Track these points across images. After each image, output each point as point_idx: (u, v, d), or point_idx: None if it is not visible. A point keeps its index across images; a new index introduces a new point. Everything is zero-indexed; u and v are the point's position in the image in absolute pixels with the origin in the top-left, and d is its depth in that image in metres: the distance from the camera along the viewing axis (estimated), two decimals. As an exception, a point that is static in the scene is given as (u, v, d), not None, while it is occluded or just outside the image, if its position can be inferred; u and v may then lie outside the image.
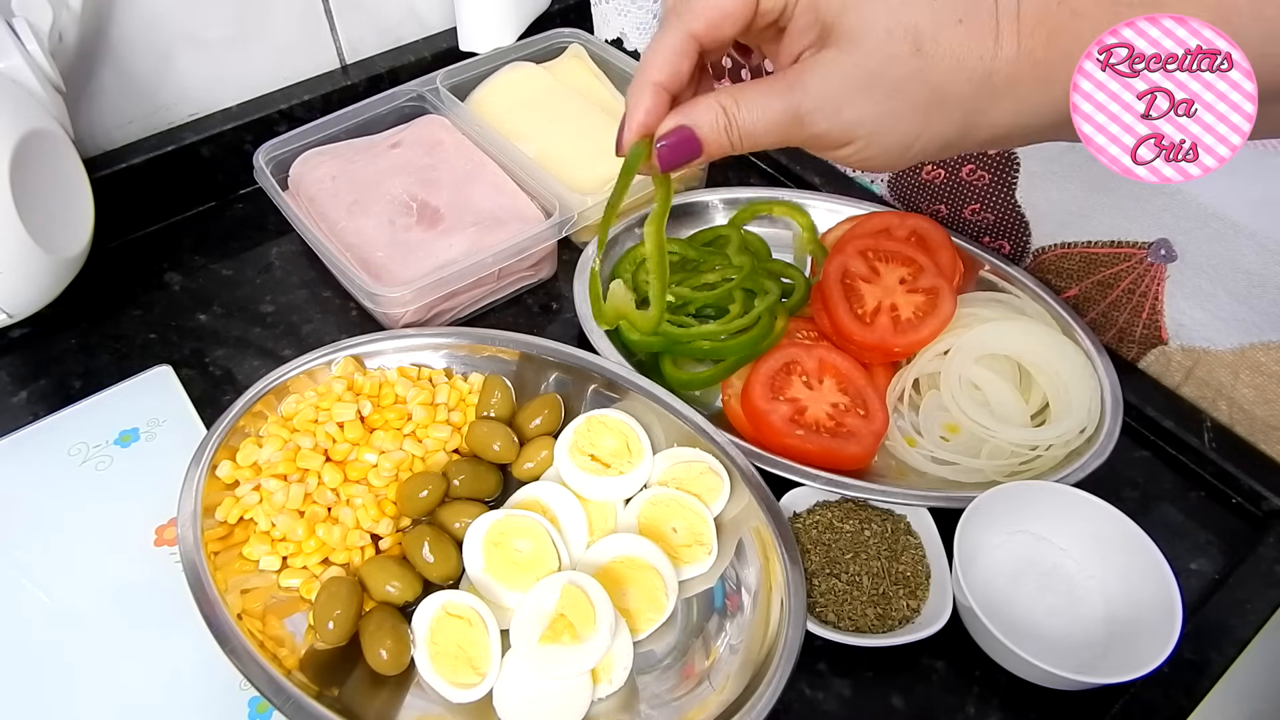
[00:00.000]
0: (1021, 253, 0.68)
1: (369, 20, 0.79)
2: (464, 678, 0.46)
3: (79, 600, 0.50)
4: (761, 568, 0.50)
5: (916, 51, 0.34)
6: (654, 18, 0.83)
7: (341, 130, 0.72)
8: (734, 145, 0.38)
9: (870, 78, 0.34)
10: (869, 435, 0.55)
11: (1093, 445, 0.55)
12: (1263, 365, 0.57)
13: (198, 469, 0.50)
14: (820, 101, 0.35)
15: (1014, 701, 0.49)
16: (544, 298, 0.69)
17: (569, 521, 0.52)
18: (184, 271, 0.70)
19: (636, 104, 0.39)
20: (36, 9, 0.57)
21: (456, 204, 0.66)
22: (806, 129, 0.36)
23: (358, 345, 0.58)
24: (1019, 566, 0.53)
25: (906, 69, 0.34)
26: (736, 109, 0.37)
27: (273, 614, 0.48)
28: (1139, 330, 0.63)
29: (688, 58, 0.38)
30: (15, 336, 0.64)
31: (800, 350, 0.58)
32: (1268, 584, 0.52)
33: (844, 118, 0.35)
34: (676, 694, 0.47)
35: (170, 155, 0.71)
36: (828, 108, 0.35)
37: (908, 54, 0.34)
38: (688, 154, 0.38)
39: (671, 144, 0.38)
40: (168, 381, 0.61)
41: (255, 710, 0.46)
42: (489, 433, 0.55)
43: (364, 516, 0.51)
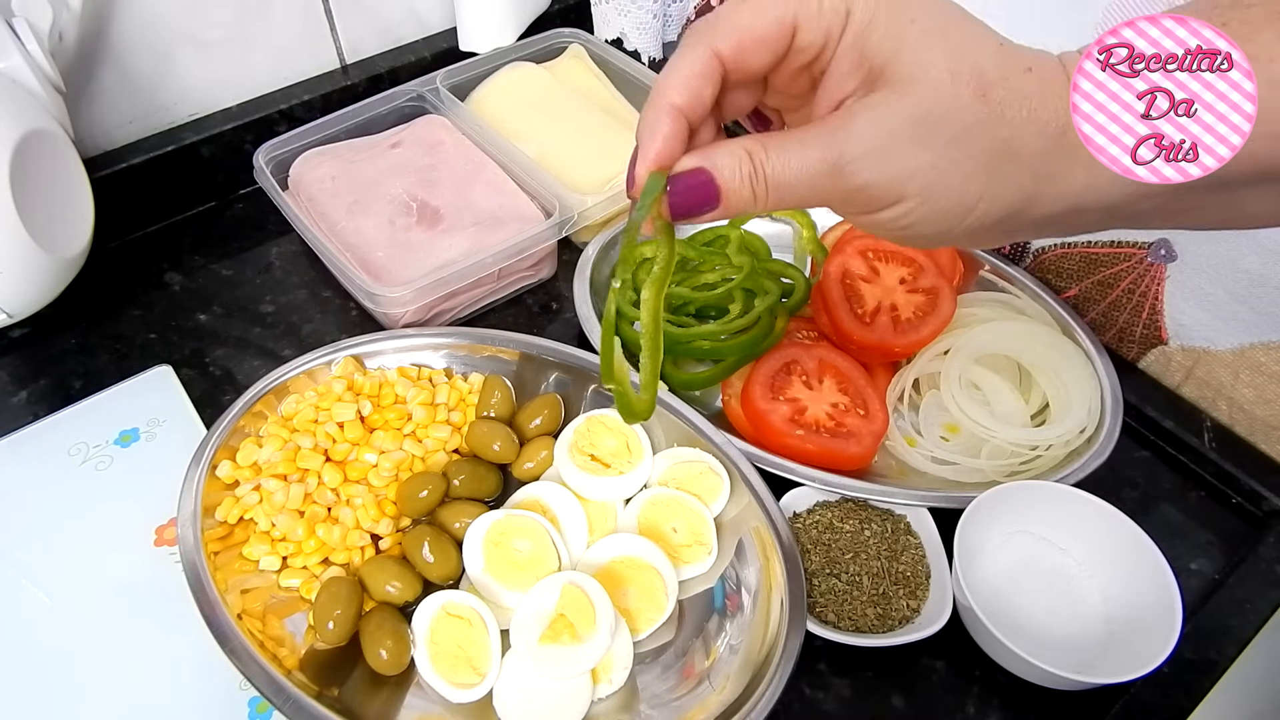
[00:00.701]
0: (1021, 253, 0.68)
1: (369, 20, 0.79)
2: (464, 678, 0.46)
3: (79, 600, 0.50)
4: (761, 568, 0.50)
5: (982, 97, 0.29)
6: (654, 17, 0.83)
7: (341, 130, 0.72)
8: (758, 198, 0.31)
9: (929, 123, 0.29)
10: (869, 435, 0.55)
11: (1093, 445, 0.55)
12: (1263, 365, 0.57)
13: (198, 469, 0.50)
14: (868, 146, 0.29)
15: (1014, 701, 0.49)
16: (544, 298, 0.69)
17: (569, 521, 0.52)
18: (184, 271, 0.70)
19: (652, 132, 0.32)
20: (36, 9, 0.57)
21: (456, 204, 0.66)
22: (848, 180, 0.30)
23: (358, 345, 0.58)
24: (1019, 566, 0.53)
25: (971, 116, 0.29)
26: (765, 154, 0.30)
27: (273, 614, 0.48)
28: (1139, 330, 0.63)
29: (710, 82, 0.32)
30: (15, 336, 0.64)
31: (800, 350, 0.58)
32: (1268, 584, 0.52)
33: (894, 169, 0.30)
34: (676, 694, 0.47)
35: (170, 155, 0.71)
36: (876, 155, 0.29)
37: (972, 99, 0.29)
38: (701, 200, 0.31)
39: (683, 187, 0.31)
40: (168, 381, 0.61)
41: (255, 710, 0.46)
42: (489, 433, 0.55)
43: (364, 516, 0.51)
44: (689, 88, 0.32)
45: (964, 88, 0.29)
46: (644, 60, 0.85)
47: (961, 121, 0.29)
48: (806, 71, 0.33)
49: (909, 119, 0.29)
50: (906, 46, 0.30)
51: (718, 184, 0.31)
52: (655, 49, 0.86)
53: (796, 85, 0.34)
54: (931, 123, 0.29)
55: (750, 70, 0.32)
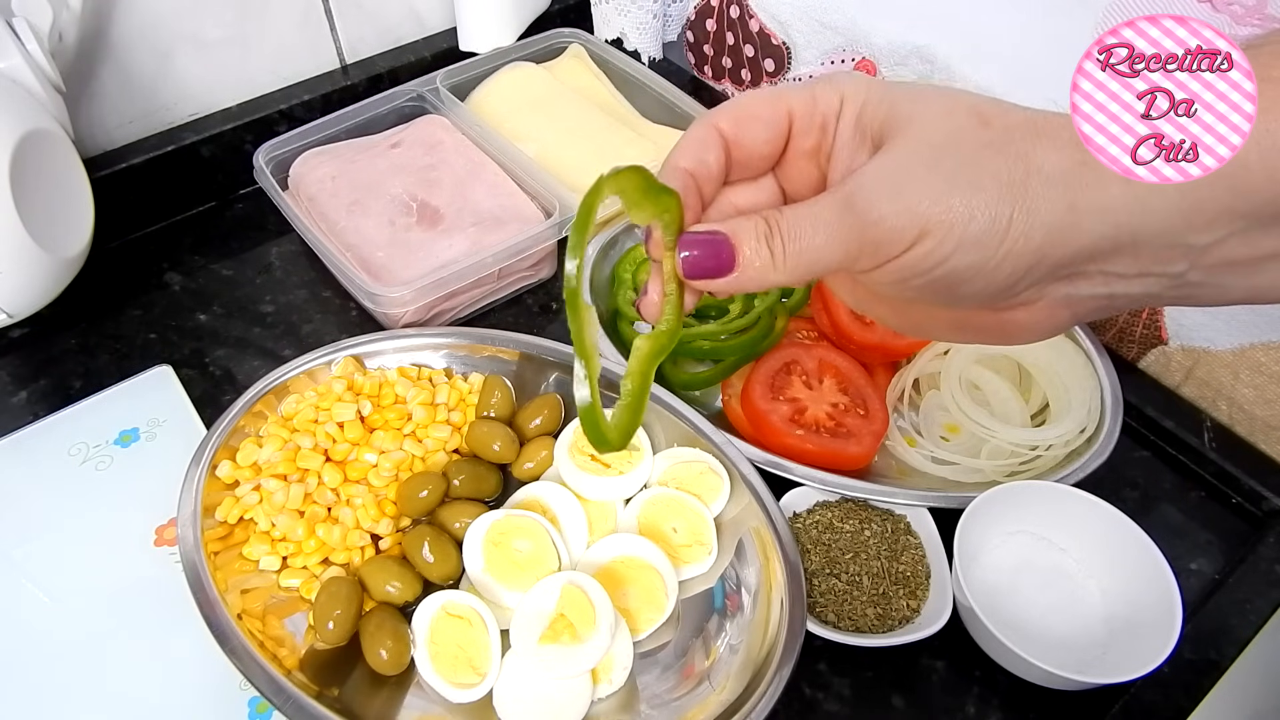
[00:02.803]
0: (1021, 253, 0.68)
1: (369, 20, 0.79)
2: (464, 678, 0.46)
3: (79, 600, 0.50)
4: (761, 568, 0.50)
5: (985, 125, 0.28)
6: (654, 17, 0.83)
7: (341, 130, 0.72)
8: (775, 257, 0.30)
9: (936, 151, 0.28)
10: (869, 435, 0.55)
11: (1093, 445, 0.55)
12: (1263, 365, 0.57)
13: (198, 469, 0.50)
14: (877, 181, 0.29)
15: (1014, 701, 0.49)
16: (544, 298, 0.69)
17: (569, 521, 0.52)
18: (184, 271, 0.70)
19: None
20: (36, 9, 0.57)
21: (456, 204, 0.66)
22: (863, 215, 0.28)
23: (358, 345, 0.58)
24: (1019, 566, 0.53)
25: (978, 139, 0.28)
26: (780, 214, 0.30)
27: (273, 614, 0.48)
28: (1139, 330, 0.63)
29: (713, 149, 0.33)
30: (15, 336, 0.64)
31: (800, 350, 0.58)
32: (1268, 584, 0.52)
33: (909, 197, 0.28)
34: (676, 694, 0.47)
35: (170, 155, 0.71)
36: (887, 186, 0.28)
37: (975, 126, 0.28)
38: (715, 257, 0.30)
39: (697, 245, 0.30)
40: (168, 381, 0.61)
41: (255, 710, 0.46)
42: (489, 433, 0.55)
43: (364, 516, 0.51)
44: (691, 153, 0.32)
45: (964, 118, 0.29)
46: (644, 60, 0.85)
47: (969, 144, 0.28)
48: (813, 161, 0.33)
49: (914, 153, 0.29)
50: (901, 109, 0.30)
51: (732, 244, 0.30)
52: (655, 49, 0.86)
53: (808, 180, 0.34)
54: (938, 150, 0.28)
55: (751, 146, 0.33)
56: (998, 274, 0.29)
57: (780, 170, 0.34)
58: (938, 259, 0.28)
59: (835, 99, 0.32)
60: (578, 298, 0.32)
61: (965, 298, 0.30)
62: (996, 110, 0.29)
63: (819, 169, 0.33)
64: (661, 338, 0.34)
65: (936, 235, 0.28)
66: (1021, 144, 0.28)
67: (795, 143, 0.33)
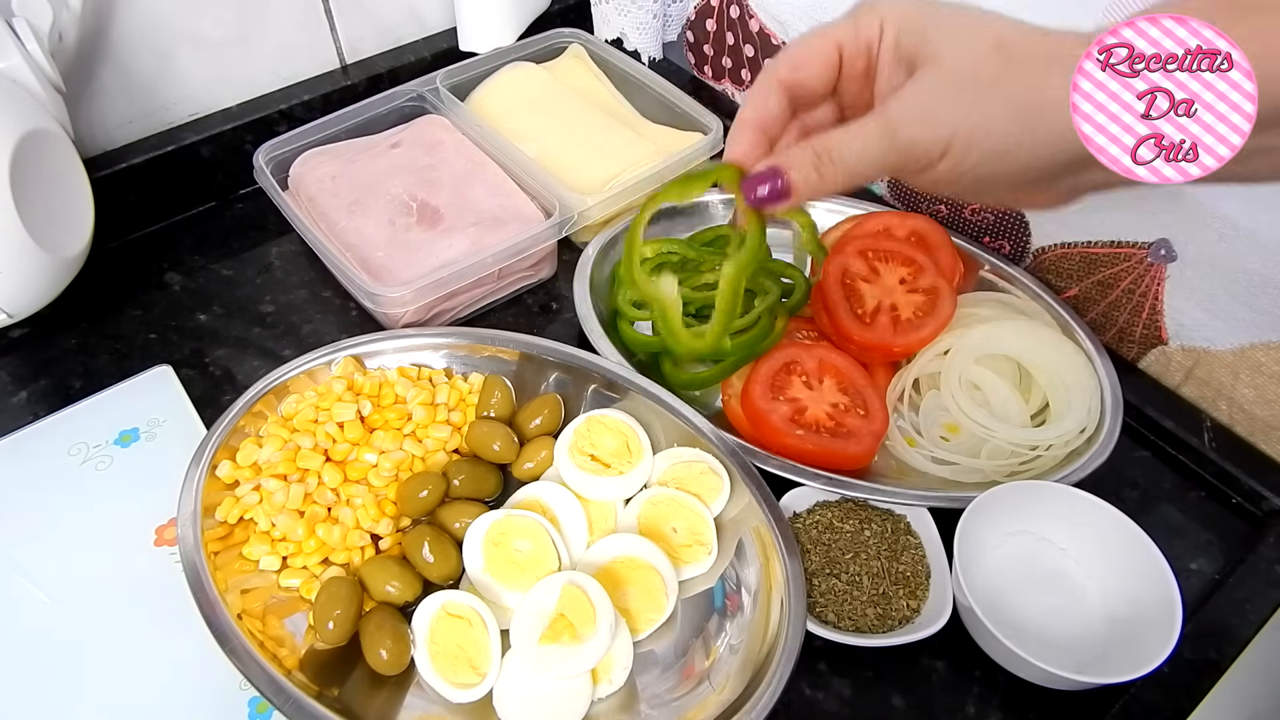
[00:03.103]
0: (1021, 253, 0.68)
1: (369, 20, 0.79)
2: (464, 678, 0.46)
3: (79, 600, 0.50)
4: (761, 568, 0.50)
5: (1004, 56, 0.34)
6: (654, 17, 0.83)
7: (341, 130, 0.72)
8: (823, 175, 0.38)
9: (959, 82, 0.35)
10: (869, 435, 0.55)
11: (1093, 445, 0.55)
12: (1263, 365, 0.57)
13: (198, 469, 0.50)
14: (913, 107, 0.36)
15: (1014, 701, 0.49)
16: (544, 298, 0.69)
17: (569, 521, 0.52)
18: (184, 271, 0.70)
19: (731, 143, 0.42)
20: (36, 9, 0.57)
21: (456, 204, 0.66)
22: (900, 138, 0.36)
23: (358, 345, 0.58)
24: (1019, 566, 0.53)
25: (994, 70, 0.34)
26: (826, 141, 0.37)
27: (273, 614, 0.48)
28: (1139, 330, 0.63)
29: (775, 95, 0.40)
30: (15, 336, 0.64)
31: (800, 350, 0.58)
32: (1268, 584, 0.52)
33: (938, 123, 0.35)
34: (676, 694, 0.47)
35: (170, 155, 0.71)
36: (921, 114, 0.35)
37: (991, 54, 0.34)
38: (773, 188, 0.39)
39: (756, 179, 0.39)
40: (168, 381, 0.61)
41: (255, 710, 0.46)
42: (489, 433, 0.55)
43: (364, 516, 0.51)
44: (754, 103, 0.41)
45: (983, 47, 0.34)
46: (644, 60, 0.85)
47: (987, 75, 0.34)
48: (866, 81, 0.40)
49: (942, 81, 0.35)
50: (932, 31, 0.36)
51: (786, 175, 0.38)
52: (655, 49, 0.86)
53: (862, 97, 0.41)
54: (961, 81, 0.35)
55: (809, 84, 0.40)
56: (1015, 180, 0.36)
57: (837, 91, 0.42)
58: (964, 168, 0.36)
59: (875, 25, 0.38)
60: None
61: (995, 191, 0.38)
62: (1019, 39, 0.34)
63: (871, 87, 0.40)
64: (746, 254, 0.46)
65: (955, 154, 0.35)
66: (1035, 75, 0.33)
67: (847, 68, 0.40)
